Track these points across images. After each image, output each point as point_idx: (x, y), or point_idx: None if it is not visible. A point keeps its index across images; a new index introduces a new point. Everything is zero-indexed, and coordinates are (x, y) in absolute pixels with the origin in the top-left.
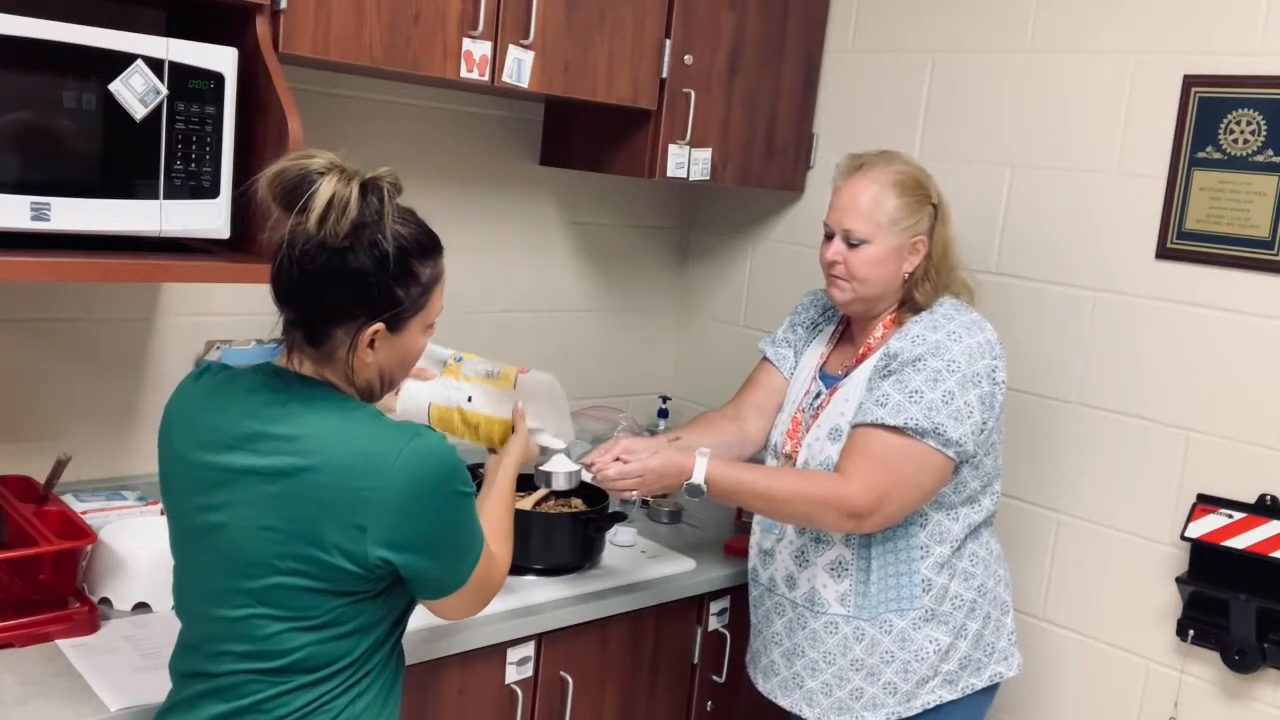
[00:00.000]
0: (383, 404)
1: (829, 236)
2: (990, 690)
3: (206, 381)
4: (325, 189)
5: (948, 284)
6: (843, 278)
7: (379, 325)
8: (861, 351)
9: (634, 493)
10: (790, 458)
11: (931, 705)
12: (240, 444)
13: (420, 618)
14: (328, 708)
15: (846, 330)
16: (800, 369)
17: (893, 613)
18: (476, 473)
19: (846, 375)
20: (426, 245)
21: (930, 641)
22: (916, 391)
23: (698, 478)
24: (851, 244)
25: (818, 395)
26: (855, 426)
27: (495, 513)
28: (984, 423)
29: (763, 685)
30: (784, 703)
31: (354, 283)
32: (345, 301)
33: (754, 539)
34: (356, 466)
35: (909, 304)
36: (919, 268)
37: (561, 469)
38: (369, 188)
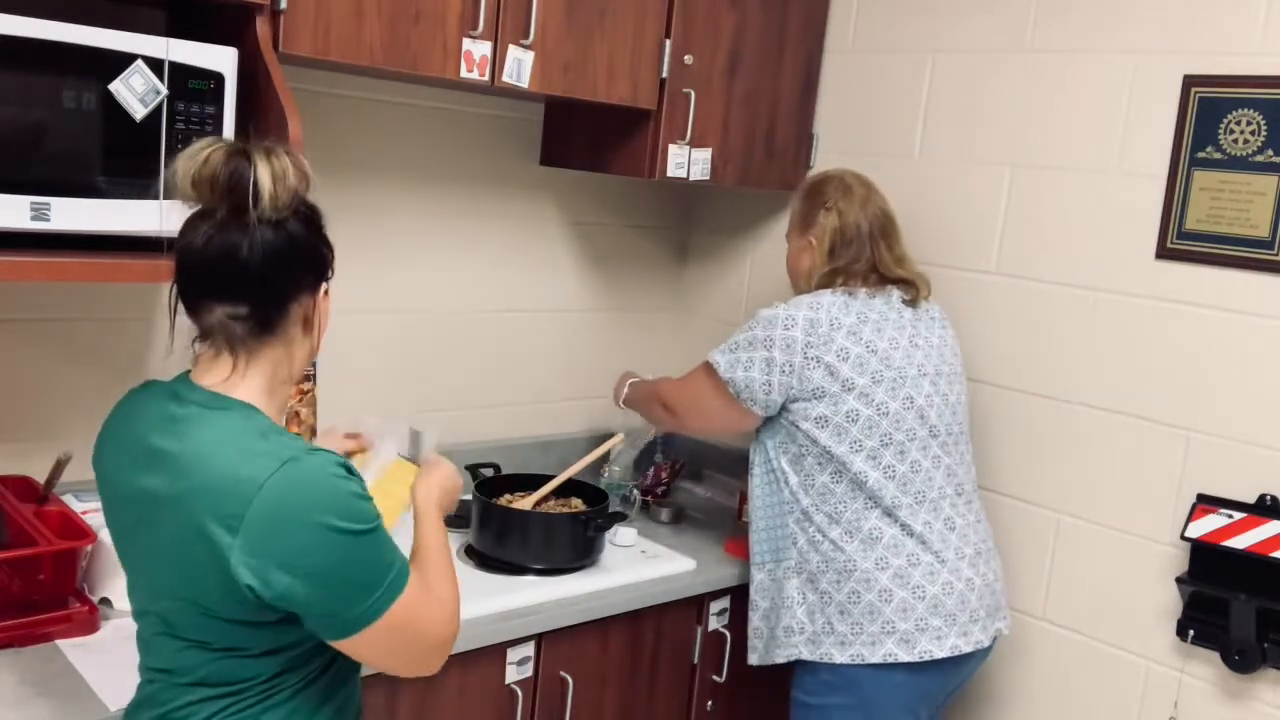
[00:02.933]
0: None
1: None
2: (863, 670)
3: (132, 396)
4: (264, 170)
5: (827, 279)
6: None
7: (325, 285)
8: None
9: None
10: None
11: (793, 658)
12: (144, 463)
13: None
14: (237, 718)
15: None
16: None
17: (775, 561)
18: (478, 472)
19: None
20: (317, 205)
21: (798, 592)
22: (730, 340)
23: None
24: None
25: None
26: None
27: (429, 560)
28: (767, 382)
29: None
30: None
31: (300, 251)
32: (298, 272)
33: None
34: (223, 490)
35: None
36: (814, 263)
37: None
38: (291, 156)
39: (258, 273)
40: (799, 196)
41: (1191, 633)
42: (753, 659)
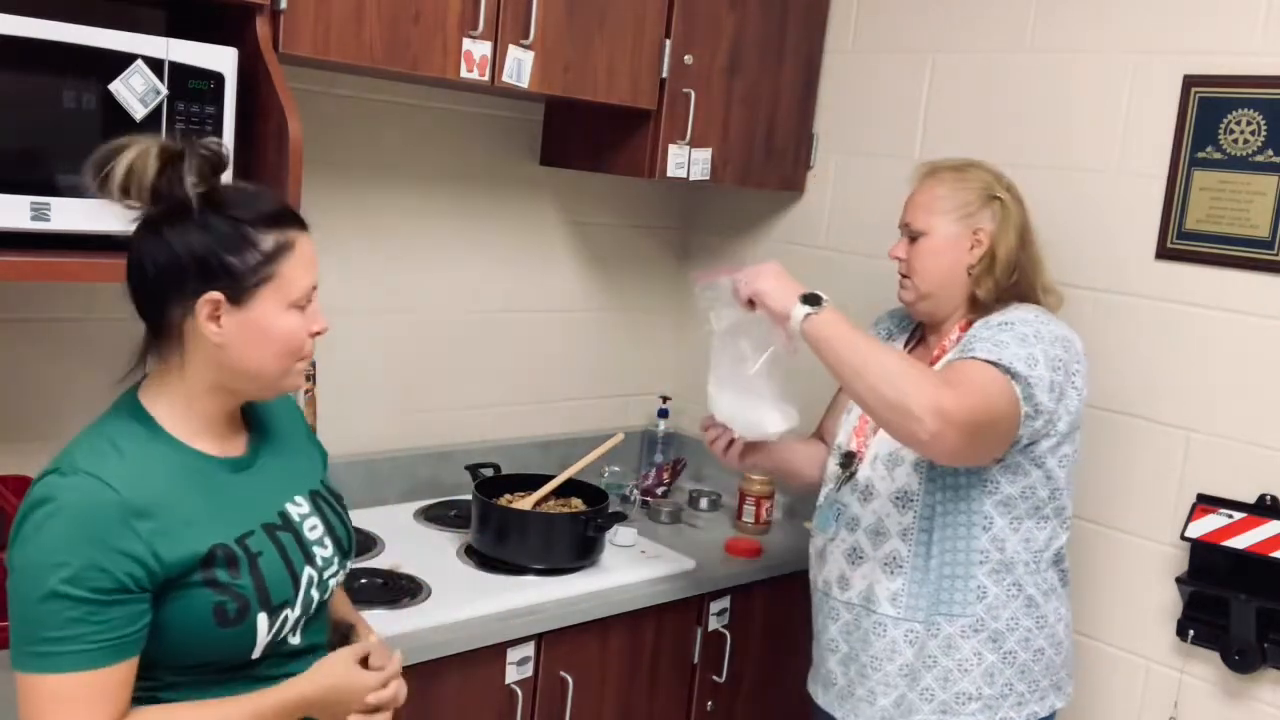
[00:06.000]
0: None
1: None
2: None
3: None
4: (125, 159)
5: (1017, 288)
6: (905, 274)
7: (215, 294)
8: (935, 354)
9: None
10: (854, 455)
11: None
12: None
13: (416, 619)
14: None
15: (921, 340)
16: None
17: (942, 616)
18: (477, 473)
19: None
20: (267, 212)
21: (975, 654)
22: (1003, 343)
23: (806, 305)
24: (913, 239)
25: None
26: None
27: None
28: (1052, 408)
29: (821, 698)
30: (838, 714)
31: (174, 251)
32: (172, 274)
33: (811, 543)
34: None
35: (980, 308)
36: (981, 263)
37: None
38: (169, 152)
39: (129, 271)
40: (943, 179)
41: (1191, 633)
42: (824, 699)
